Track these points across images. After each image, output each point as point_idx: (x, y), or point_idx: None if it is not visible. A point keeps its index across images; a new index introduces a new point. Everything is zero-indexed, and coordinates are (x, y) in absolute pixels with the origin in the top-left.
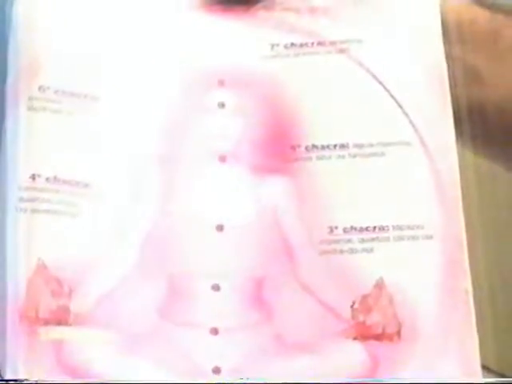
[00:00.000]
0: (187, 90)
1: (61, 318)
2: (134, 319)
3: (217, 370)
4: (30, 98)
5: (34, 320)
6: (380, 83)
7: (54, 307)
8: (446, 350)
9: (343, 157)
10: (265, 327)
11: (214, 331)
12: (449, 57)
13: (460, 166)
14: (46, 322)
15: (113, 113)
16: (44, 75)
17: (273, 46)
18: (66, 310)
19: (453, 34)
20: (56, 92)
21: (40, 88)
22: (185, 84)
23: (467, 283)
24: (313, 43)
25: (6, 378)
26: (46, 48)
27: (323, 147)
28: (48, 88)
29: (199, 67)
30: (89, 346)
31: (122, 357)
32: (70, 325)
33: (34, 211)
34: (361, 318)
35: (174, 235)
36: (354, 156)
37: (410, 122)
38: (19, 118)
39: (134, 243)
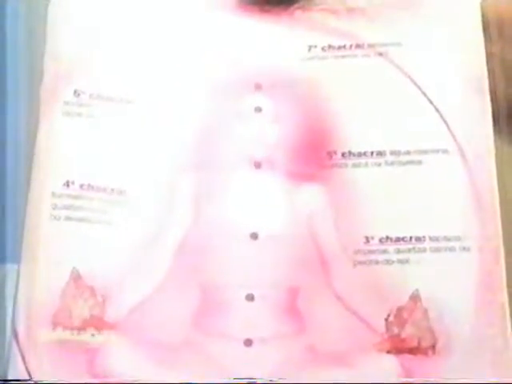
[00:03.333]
0: (223, 94)
1: (94, 328)
2: (167, 329)
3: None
4: (66, 103)
5: (68, 329)
6: (418, 88)
7: (87, 316)
8: (482, 365)
9: (380, 164)
10: (298, 338)
11: (248, 342)
12: (489, 55)
13: (497, 166)
14: (79, 331)
15: (147, 118)
16: (79, 79)
17: (310, 47)
18: (99, 319)
19: (493, 32)
20: (91, 96)
21: (75, 92)
22: (220, 88)
23: (504, 297)
24: (351, 46)
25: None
26: (81, 52)
27: (360, 154)
28: (83, 92)
29: (235, 70)
30: (121, 355)
31: (154, 366)
32: (103, 334)
33: (67, 219)
34: (395, 330)
35: (207, 243)
36: (391, 164)
37: (449, 129)
38: (53, 123)
39: (167, 252)
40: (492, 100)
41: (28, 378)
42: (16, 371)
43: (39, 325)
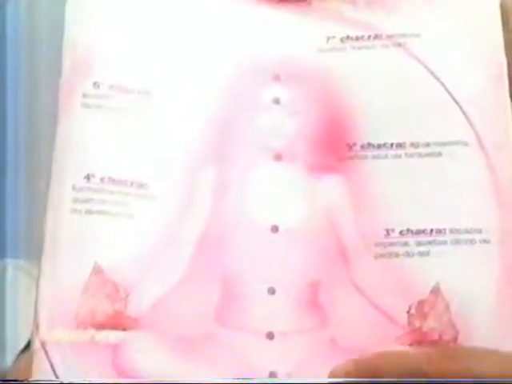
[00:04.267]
0: (241, 85)
1: (117, 323)
2: (188, 323)
3: (273, 375)
4: (85, 95)
5: (90, 324)
6: (437, 79)
7: (110, 311)
8: None
9: (399, 156)
10: (320, 331)
11: (270, 335)
12: (508, 46)
13: None
14: (102, 327)
15: (166, 109)
16: (98, 71)
17: (328, 38)
18: (121, 314)
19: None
20: (110, 87)
21: (95, 84)
22: (239, 79)
23: None
24: (369, 36)
25: (63, 382)
26: (99, 43)
27: (379, 146)
28: (102, 84)
29: (254, 61)
30: (144, 350)
31: (177, 361)
32: (126, 329)
33: (88, 212)
34: (417, 324)
35: (228, 236)
36: (411, 156)
37: (468, 120)
38: (73, 115)
39: (188, 245)
40: (511, 91)
41: (53, 376)
42: (40, 369)
43: (62, 321)
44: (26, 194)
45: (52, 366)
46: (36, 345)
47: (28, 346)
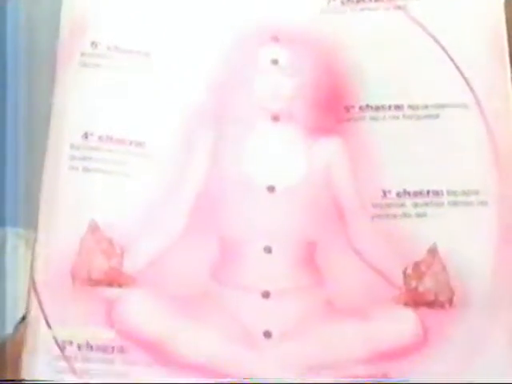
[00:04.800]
0: (239, 45)
1: (112, 279)
2: (185, 281)
3: (268, 334)
4: (83, 54)
5: (86, 281)
6: (437, 42)
7: (106, 268)
8: (498, 319)
9: (397, 118)
10: (316, 291)
11: (266, 294)
12: (508, 11)
13: None
14: (98, 283)
15: (164, 70)
16: (96, 31)
17: (329, 0)
18: (117, 271)
19: None
20: (108, 48)
21: (92, 44)
22: (237, 39)
23: None
24: None
25: (57, 337)
26: (97, 4)
27: (377, 108)
28: (100, 44)
29: (252, 22)
30: (140, 307)
31: (173, 318)
32: (121, 286)
33: (86, 170)
34: (413, 284)
35: (225, 196)
36: (409, 117)
37: (467, 83)
38: (71, 74)
39: (185, 204)
40: (511, 55)
41: (47, 328)
42: (36, 323)
43: (58, 277)
44: (26, 164)
45: (47, 321)
46: (32, 301)
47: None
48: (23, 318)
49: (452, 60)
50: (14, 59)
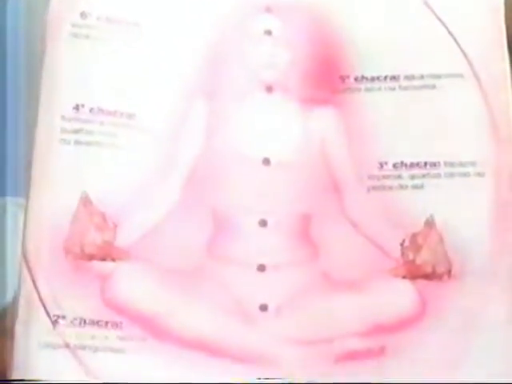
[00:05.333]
0: (232, 16)
1: (105, 254)
2: (179, 255)
3: (264, 308)
4: (73, 25)
5: (79, 255)
6: (433, 12)
7: (98, 242)
8: (496, 290)
9: (393, 89)
10: (312, 264)
11: (261, 268)
12: None
13: None
14: (91, 257)
15: (156, 41)
16: (86, 1)
17: None
18: (110, 245)
19: None
20: (98, 19)
21: (82, 14)
22: (230, 10)
23: None
24: None
25: (49, 311)
26: None
27: (373, 78)
28: (90, 14)
29: None
30: (133, 281)
31: (167, 293)
32: (115, 260)
33: (77, 143)
34: (410, 256)
35: (219, 169)
36: (405, 88)
37: (464, 53)
38: (61, 45)
39: (179, 177)
40: (507, 24)
41: (39, 302)
42: (28, 297)
43: (50, 251)
44: (27, 135)
45: (40, 297)
46: (24, 275)
47: None
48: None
49: (448, 30)
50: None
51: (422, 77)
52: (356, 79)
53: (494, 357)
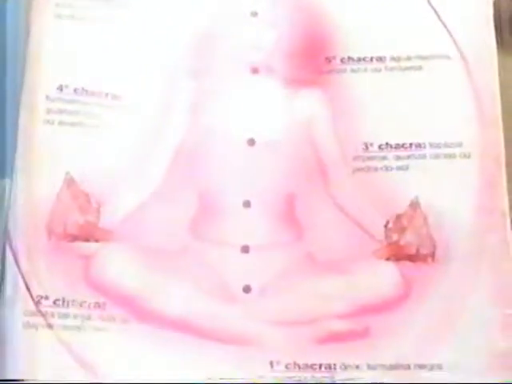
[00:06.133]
0: None
1: (89, 234)
2: (163, 236)
3: (247, 289)
4: (57, 5)
5: (62, 235)
6: None
7: (82, 222)
8: (481, 273)
9: (379, 70)
10: (296, 245)
11: (245, 249)
12: None
13: (500, 77)
14: (74, 238)
15: (142, 22)
16: None
17: None
18: (94, 225)
19: None
20: None
21: None
22: None
23: (504, 204)
24: None
25: (32, 292)
26: None
27: (359, 59)
28: None
29: None
30: (117, 262)
31: (150, 273)
32: (98, 241)
33: (61, 123)
34: (394, 237)
35: (203, 149)
36: (391, 69)
37: (450, 34)
38: (45, 25)
39: (163, 158)
40: (495, 11)
41: (22, 282)
42: (11, 278)
43: (34, 231)
44: None
45: (23, 277)
46: (7, 255)
47: None
48: None
49: (435, 11)
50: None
51: (408, 58)
52: (342, 60)
53: (480, 338)
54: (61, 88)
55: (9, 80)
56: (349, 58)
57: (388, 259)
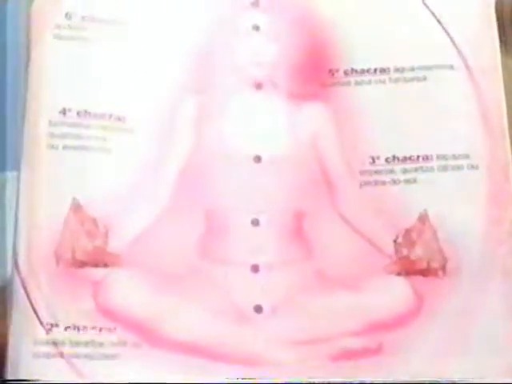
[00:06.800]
0: (219, 12)
1: (98, 260)
2: (171, 258)
3: (258, 309)
4: (57, 26)
5: (71, 262)
6: (423, 3)
7: (90, 248)
8: (492, 284)
9: (384, 81)
10: (306, 263)
11: (255, 268)
12: None
13: (504, 79)
14: (83, 264)
15: (143, 40)
16: (69, 1)
17: None
18: (102, 250)
19: None
20: (83, 18)
21: (66, 15)
22: (216, 6)
23: None
24: None
25: (43, 320)
26: None
27: (363, 71)
28: (75, 14)
29: None
30: (126, 286)
31: (160, 297)
32: (107, 266)
33: (65, 147)
34: (404, 252)
35: (209, 168)
36: (396, 81)
37: (454, 44)
38: (45, 47)
39: (169, 178)
40: (497, 12)
41: (32, 311)
42: (20, 306)
43: (42, 259)
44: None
45: (32, 305)
46: (16, 283)
47: None
48: None
49: (438, 21)
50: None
51: (412, 69)
52: (345, 72)
53: (492, 352)
54: (63, 112)
55: (9, 72)
56: (352, 69)
57: (399, 274)
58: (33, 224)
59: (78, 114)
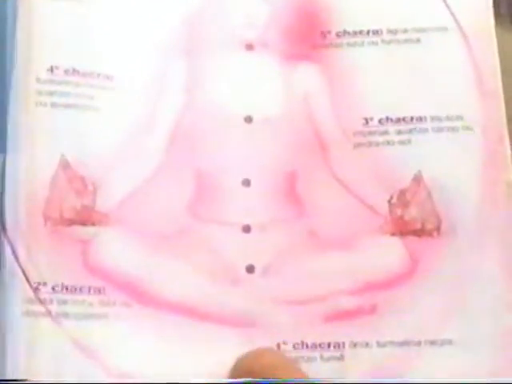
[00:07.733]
0: None
1: (86, 218)
2: (162, 218)
3: (250, 269)
4: None
5: (59, 221)
6: None
7: (78, 207)
8: (487, 245)
9: (376, 43)
10: (298, 223)
11: (247, 228)
12: None
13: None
14: (71, 222)
15: (134, 0)
16: None
17: None
18: (90, 209)
19: None
20: None
21: None
22: None
23: (508, 176)
24: None
25: (30, 280)
26: None
27: (355, 33)
28: None
29: None
30: (115, 246)
31: (150, 256)
32: (95, 225)
33: (53, 105)
34: (398, 212)
35: (200, 129)
36: (389, 42)
37: (447, 5)
38: (33, 6)
39: (160, 138)
40: None
41: (19, 270)
42: (8, 266)
43: (29, 217)
44: None
45: (20, 265)
46: (2, 243)
47: None
48: None
49: None
50: None
51: (405, 30)
52: (338, 34)
53: (488, 313)
54: (51, 69)
55: (9, 56)
56: (345, 31)
57: (393, 234)
58: (20, 182)
59: (65, 71)
